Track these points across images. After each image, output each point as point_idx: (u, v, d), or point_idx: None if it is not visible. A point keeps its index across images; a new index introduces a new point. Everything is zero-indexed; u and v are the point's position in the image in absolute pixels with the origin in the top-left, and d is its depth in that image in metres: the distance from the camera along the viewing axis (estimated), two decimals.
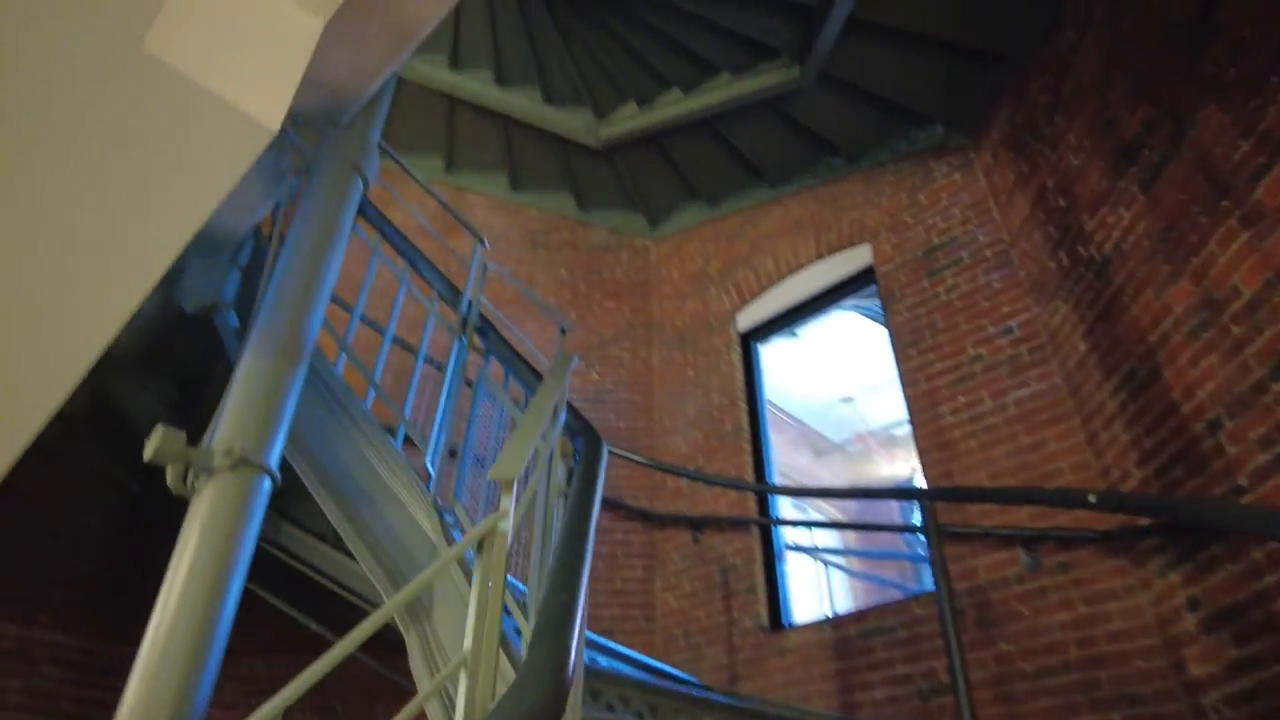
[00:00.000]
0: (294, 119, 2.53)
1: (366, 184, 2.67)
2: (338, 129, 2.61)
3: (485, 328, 3.28)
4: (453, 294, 3.44)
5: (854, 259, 5.11)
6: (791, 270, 5.38)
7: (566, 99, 5.82)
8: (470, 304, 3.32)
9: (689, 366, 5.57)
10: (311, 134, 2.57)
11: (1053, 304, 3.85)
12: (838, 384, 8.19)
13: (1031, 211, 4.08)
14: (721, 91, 5.07)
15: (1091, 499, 2.75)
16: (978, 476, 3.81)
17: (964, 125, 4.84)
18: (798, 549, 6.27)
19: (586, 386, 5.64)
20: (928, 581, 3.91)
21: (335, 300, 3.66)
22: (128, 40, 1.36)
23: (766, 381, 5.85)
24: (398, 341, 3.78)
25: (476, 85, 5.87)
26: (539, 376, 2.98)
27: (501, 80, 5.85)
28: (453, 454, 3.42)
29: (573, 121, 5.80)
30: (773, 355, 6.33)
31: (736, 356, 5.41)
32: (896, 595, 3.84)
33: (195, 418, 3.58)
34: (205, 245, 2.94)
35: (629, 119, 5.56)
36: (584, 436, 2.49)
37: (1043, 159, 4.03)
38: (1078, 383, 3.64)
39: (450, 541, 2.69)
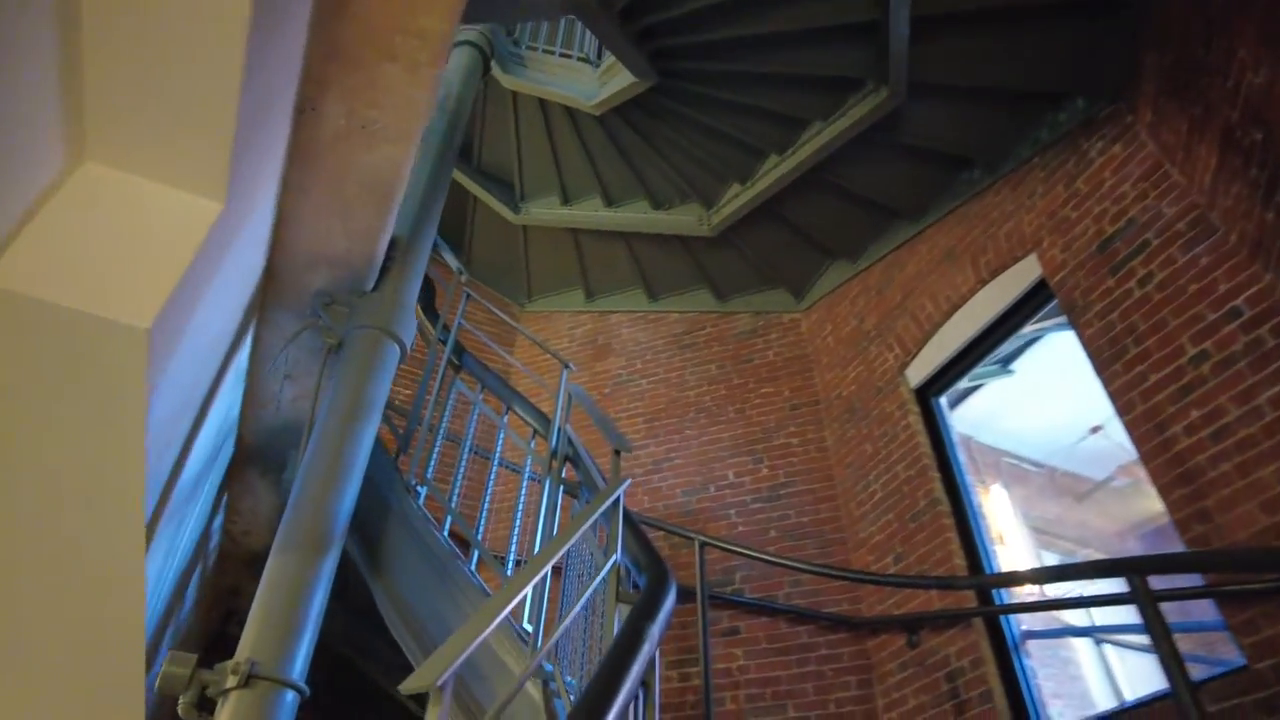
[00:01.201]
0: (318, 297, 2.55)
1: (403, 346, 2.60)
2: (364, 297, 2.60)
3: (576, 458, 3.05)
4: (547, 428, 3.28)
5: (1022, 275, 4.30)
6: (954, 306, 4.66)
7: (673, 199, 5.72)
8: (559, 433, 3.13)
9: (865, 440, 4.93)
10: (341, 309, 2.57)
11: None
12: (1081, 414, 6.96)
13: (1222, 158, 3.18)
14: (816, 140, 4.67)
15: None
16: (1247, 510, 2.83)
17: (1107, 88, 4.00)
18: (1060, 633, 5.14)
19: (759, 484, 5.17)
20: (1237, 657, 2.94)
21: (449, 438, 3.69)
22: None
23: (976, 435, 5.05)
24: (503, 464, 3.75)
25: (589, 213, 5.98)
26: (631, 525, 2.63)
27: (610, 201, 5.92)
28: (557, 570, 3.18)
29: (684, 218, 5.66)
30: (989, 400, 5.47)
31: (915, 418, 4.69)
32: (1208, 671, 2.88)
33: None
34: (298, 436, 3.02)
35: (735, 198, 5.30)
36: (649, 573, 2.10)
37: (1215, 91, 3.16)
38: None
39: (550, 712, 2.40)
